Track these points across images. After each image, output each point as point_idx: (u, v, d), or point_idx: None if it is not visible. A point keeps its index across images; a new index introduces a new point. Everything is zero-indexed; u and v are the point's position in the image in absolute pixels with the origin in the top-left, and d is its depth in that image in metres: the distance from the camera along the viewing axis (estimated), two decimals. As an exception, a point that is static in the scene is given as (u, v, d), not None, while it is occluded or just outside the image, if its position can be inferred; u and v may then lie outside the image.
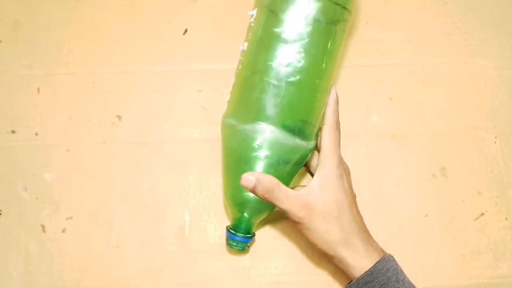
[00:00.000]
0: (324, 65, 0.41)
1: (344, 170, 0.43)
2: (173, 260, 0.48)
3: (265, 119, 0.40)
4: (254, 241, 0.47)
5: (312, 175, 0.47)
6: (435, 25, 0.56)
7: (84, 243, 0.49)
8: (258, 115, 0.40)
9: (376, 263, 0.40)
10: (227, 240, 0.44)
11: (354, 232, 0.41)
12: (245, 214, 0.43)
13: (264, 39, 0.41)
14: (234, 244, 0.43)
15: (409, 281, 0.41)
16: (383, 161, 0.51)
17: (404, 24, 0.55)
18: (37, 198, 0.50)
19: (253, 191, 0.39)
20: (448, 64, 0.55)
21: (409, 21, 0.56)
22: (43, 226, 0.49)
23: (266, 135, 0.40)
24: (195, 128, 0.52)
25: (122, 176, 0.51)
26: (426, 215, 0.50)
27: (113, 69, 0.54)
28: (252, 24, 0.43)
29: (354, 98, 0.53)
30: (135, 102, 0.53)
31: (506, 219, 0.50)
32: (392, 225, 0.44)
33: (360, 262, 0.40)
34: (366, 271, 0.40)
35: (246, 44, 0.43)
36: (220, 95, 0.53)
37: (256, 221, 0.44)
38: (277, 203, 0.40)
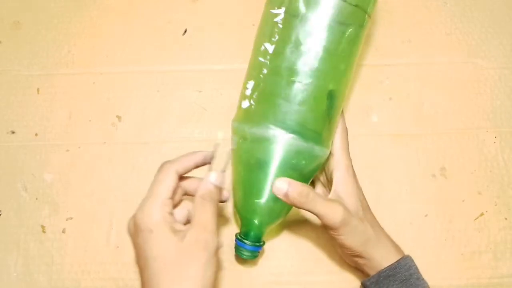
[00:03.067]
0: (343, 71, 0.41)
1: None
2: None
3: (281, 124, 0.39)
4: (263, 250, 0.46)
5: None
6: (435, 25, 0.56)
7: (83, 243, 0.49)
8: (274, 119, 0.39)
9: (400, 259, 0.41)
10: (236, 248, 0.42)
11: (380, 229, 0.43)
12: (255, 222, 0.41)
13: (284, 43, 0.40)
14: (244, 252, 0.42)
15: (426, 282, 0.42)
16: (383, 161, 0.51)
17: (404, 24, 0.55)
18: (37, 198, 0.50)
19: (286, 196, 0.38)
20: (448, 64, 0.55)
21: (409, 21, 0.56)
22: (43, 227, 0.49)
23: (282, 141, 0.39)
24: (195, 128, 0.52)
25: (122, 176, 0.51)
26: (426, 215, 0.50)
27: (113, 69, 0.54)
28: (276, 26, 0.42)
29: (354, 98, 0.53)
30: (135, 102, 0.53)
31: (506, 219, 0.50)
32: (392, 225, 0.44)
33: (386, 258, 0.41)
34: (389, 265, 0.41)
35: (267, 45, 0.42)
36: (220, 95, 0.53)
37: (267, 229, 0.42)
38: (311, 207, 0.38)
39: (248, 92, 0.42)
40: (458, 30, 0.56)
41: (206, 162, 0.40)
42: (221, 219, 0.49)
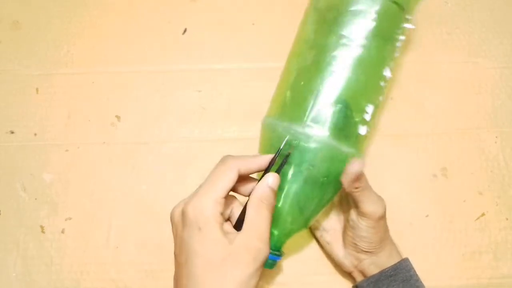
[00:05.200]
0: (382, 77, 0.41)
1: None
2: (172, 261, 0.48)
3: (317, 121, 0.38)
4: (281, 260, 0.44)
5: None
6: (435, 25, 0.56)
7: (83, 243, 0.49)
8: (310, 117, 0.39)
9: (401, 260, 0.42)
10: None
11: (388, 230, 0.43)
12: (275, 231, 0.40)
13: (326, 44, 0.40)
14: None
15: (424, 286, 0.42)
16: (383, 161, 0.51)
17: (404, 24, 0.55)
18: (36, 198, 0.50)
19: (358, 177, 0.38)
20: (449, 63, 0.54)
21: (409, 20, 0.56)
22: (42, 227, 0.49)
23: (316, 138, 0.38)
24: (195, 128, 0.52)
25: (121, 176, 0.51)
26: (427, 215, 0.49)
27: (112, 69, 0.54)
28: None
29: (354, 98, 0.53)
30: (134, 102, 0.53)
31: (506, 219, 0.49)
32: (393, 225, 0.44)
33: (390, 259, 0.42)
34: (390, 266, 0.41)
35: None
36: (219, 95, 0.53)
37: (286, 239, 0.41)
38: (365, 194, 0.39)
39: (279, 88, 0.43)
40: (459, 29, 0.56)
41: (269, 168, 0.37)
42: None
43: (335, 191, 0.41)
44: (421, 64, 0.54)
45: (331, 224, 0.45)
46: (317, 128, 0.38)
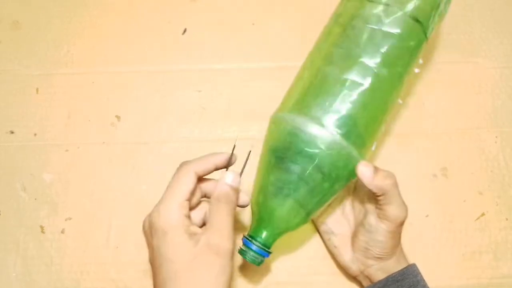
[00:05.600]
0: (399, 82, 0.41)
1: None
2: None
3: (328, 121, 0.38)
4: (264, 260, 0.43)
5: None
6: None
7: (83, 243, 0.48)
8: (322, 116, 0.38)
9: (408, 266, 0.42)
10: (240, 249, 0.40)
11: (400, 238, 0.43)
12: (267, 226, 0.39)
13: (342, 50, 0.40)
14: (249, 253, 0.39)
15: None
16: (383, 161, 0.51)
17: (404, 24, 0.55)
18: (36, 198, 0.50)
19: (371, 177, 0.38)
20: (448, 64, 0.54)
21: (409, 20, 0.55)
22: (42, 227, 0.49)
23: (321, 134, 0.38)
24: (195, 128, 0.52)
25: (121, 176, 0.51)
26: (427, 215, 0.49)
27: (112, 69, 0.54)
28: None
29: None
30: (134, 102, 0.53)
31: (507, 219, 0.49)
32: (393, 225, 0.44)
33: (397, 265, 0.42)
34: (397, 271, 0.41)
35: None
36: (219, 95, 0.53)
37: (278, 236, 0.40)
38: (392, 196, 0.39)
39: (294, 84, 0.42)
40: (459, 29, 0.56)
41: (227, 164, 0.39)
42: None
43: (335, 192, 0.40)
44: (421, 64, 0.54)
45: (340, 228, 0.45)
46: (327, 127, 0.38)
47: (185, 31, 0.56)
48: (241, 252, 0.40)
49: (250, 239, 0.39)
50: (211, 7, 0.56)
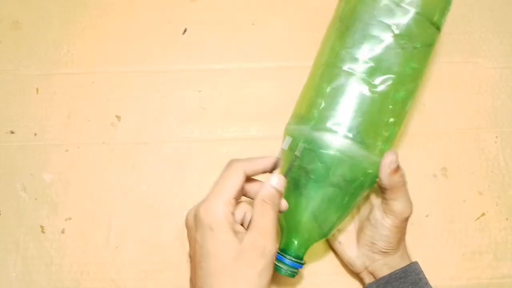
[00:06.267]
0: (411, 83, 0.40)
1: None
2: (172, 261, 0.48)
3: (336, 126, 0.38)
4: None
5: None
6: (435, 25, 0.55)
7: (83, 243, 0.48)
8: (329, 122, 0.38)
9: (410, 263, 0.42)
10: (275, 264, 0.39)
11: (405, 233, 0.43)
12: (296, 239, 0.40)
13: (344, 50, 0.39)
14: (283, 268, 0.39)
15: None
16: (384, 161, 0.51)
17: (404, 24, 0.55)
18: (36, 198, 0.50)
19: (396, 169, 0.39)
20: (448, 64, 0.54)
21: (409, 20, 0.55)
22: (42, 227, 0.49)
23: (336, 144, 0.37)
24: (195, 128, 0.52)
25: (121, 176, 0.51)
26: (427, 215, 0.49)
27: (112, 69, 0.54)
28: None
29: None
30: (134, 102, 0.53)
31: (507, 219, 0.49)
32: (393, 225, 0.44)
33: (401, 261, 0.42)
34: (399, 268, 0.41)
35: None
36: (219, 95, 0.53)
37: (307, 247, 0.41)
38: (399, 191, 0.40)
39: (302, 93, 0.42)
40: (459, 29, 0.56)
41: (275, 168, 0.39)
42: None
43: (355, 201, 0.40)
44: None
45: (345, 225, 0.45)
46: (341, 135, 0.38)
47: (185, 31, 0.56)
48: (276, 268, 0.40)
49: (282, 254, 0.40)
50: (211, 7, 0.56)
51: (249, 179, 0.39)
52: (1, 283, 0.47)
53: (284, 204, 0.38)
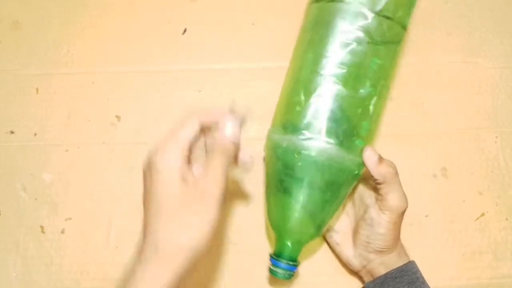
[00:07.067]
0: (382, 81, 0.41)
1: None
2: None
3: (312, 129, 0.39)
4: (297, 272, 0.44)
5: None
6: (435, 25, 0.55)
7: (83, 244, 0.49)
8: (305, 125, 0.39)
9: (407, 262, 0.42)
10: (270, 268, 0.41)
11: (400, 231, 0.43)
12: (288, 241, 0.40)
13: (314, 49, 0.41)
14: (278, 271, 0.40)
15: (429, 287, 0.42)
16: (383, 161, 0.51)
17: (404, 24, 0.55)
18: (36, 198, 0.50)
19: (380, 160, 0.39)
20: (448, 64, 0.54)
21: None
22: (42, 227, 0.49)
23: (315, 146, 0.38)
24: (195, 128, 0.52)
25: (121, 176, 0.51)
26: (427, 216, 0.49)
27: (112, 69, 0.54)
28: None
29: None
30: (134, 102, 0.53)
31: (506, 219, 0.49)
32: (393, 225, 0.44)
33: (398, 260, 0.42)
34: (396, 268, 0.41)
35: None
36: (219, 95, 0.53)
37: (300, 248, 0.41)
38: (393, 185, 0.40)
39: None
40: (459, 29, 0.56)
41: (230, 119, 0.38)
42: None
43: (340, 197, 0.41)
44: (421, 64, 0.54)
45: (341, 225, 0.46)
46: (318, 137, 0.39)
47: (185, 31, 0.56)
48: (271, 272, 0.40)
49: (276, 257, 0.40)
50: (211, 7, 0.56)
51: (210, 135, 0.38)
52: (1, 283, 0.47)
53: (245, 158, 0.39)
